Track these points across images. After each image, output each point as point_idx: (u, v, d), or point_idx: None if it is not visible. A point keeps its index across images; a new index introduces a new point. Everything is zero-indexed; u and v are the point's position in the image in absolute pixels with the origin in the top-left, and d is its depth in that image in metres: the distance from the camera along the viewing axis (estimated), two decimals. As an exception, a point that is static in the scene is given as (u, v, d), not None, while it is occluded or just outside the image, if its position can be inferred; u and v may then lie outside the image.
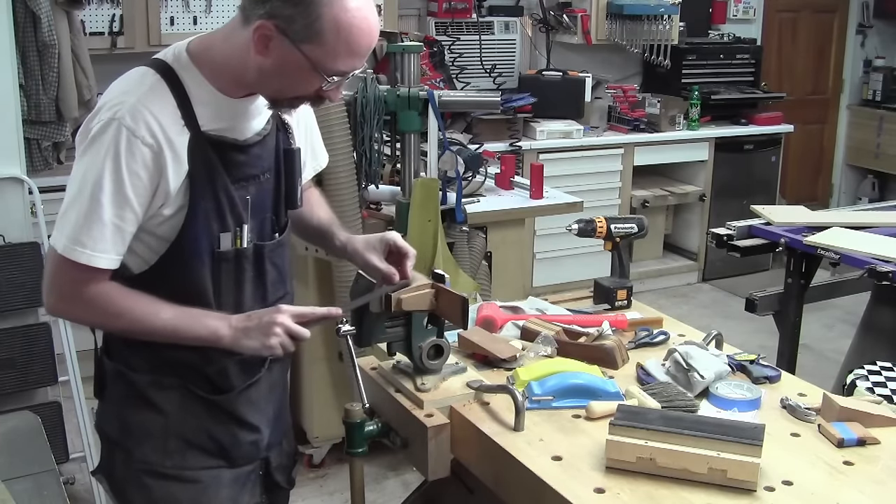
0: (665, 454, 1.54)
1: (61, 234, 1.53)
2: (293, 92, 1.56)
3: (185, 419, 1.67)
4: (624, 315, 2.25)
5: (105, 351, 1.73)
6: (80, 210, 1.51)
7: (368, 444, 1.82)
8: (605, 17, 5.43)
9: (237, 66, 1.55)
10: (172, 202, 1.56)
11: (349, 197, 3.14)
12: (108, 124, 1.50)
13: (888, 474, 1.59)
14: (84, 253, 1.51)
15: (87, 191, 1.51)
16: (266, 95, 1.60)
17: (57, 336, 3.07)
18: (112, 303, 1.57)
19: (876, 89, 6.85)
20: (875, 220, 3.43)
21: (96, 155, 1.51)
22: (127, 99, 1.53)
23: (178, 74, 1.57)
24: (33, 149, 3.79)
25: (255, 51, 1.50)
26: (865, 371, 2.60)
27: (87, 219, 1.51)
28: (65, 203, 1.54)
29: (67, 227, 1.52)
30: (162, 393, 1.66)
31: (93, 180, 1.50)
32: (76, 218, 1.51)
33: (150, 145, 1.51)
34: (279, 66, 1.50)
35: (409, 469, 3.27)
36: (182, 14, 4.33)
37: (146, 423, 1.67)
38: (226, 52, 1.56)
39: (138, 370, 1.66)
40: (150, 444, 1.67)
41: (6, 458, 2.48)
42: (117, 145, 1.50)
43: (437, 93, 3.29)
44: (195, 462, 1.69)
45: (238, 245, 1.64)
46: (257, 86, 1.58)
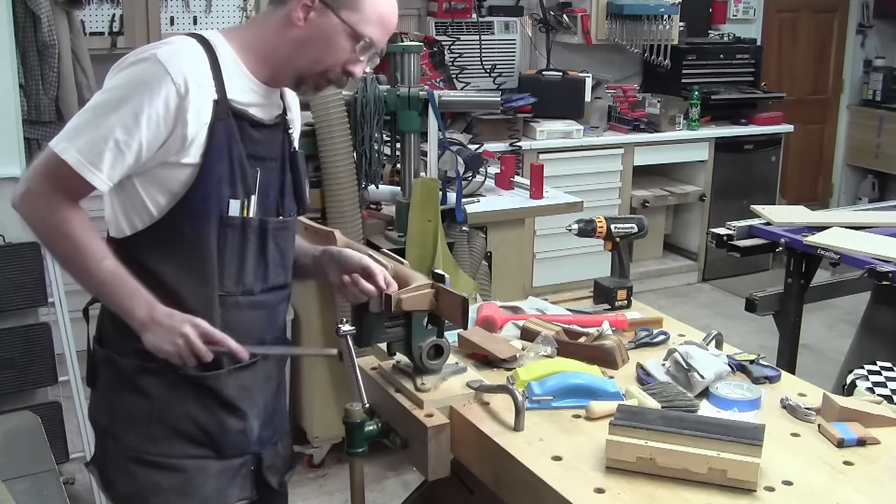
0: (665, 454, 1.54)
1: (62, 135, 1.55)
2: (325, 62, 1.65)
3: (170, 405, 1.67)
4: (624, 315, 2.25)
5: (97, 339, 1.75)
6: (89, 119, 1.54)
7: (368, 444, 1.82)
8: (605, 17, 5.43)
9: (270, 43, 1.64)
10: (187, 152, 1.58)
11: (349, 197, 3.14)
12: (144, 58, 1.55)
13: (888, 474, 1.59)
14: (77, 159, 1.53)
15: (102, 106, 1.54)
16: (295, 72, 1.66)
17: (57, 336, 3.07)
18: (69, 223, 1.57)
19: (876, 89, 6.85)
20: (875, 220, 3.43)
21: (122, 79, 1.55)
22: (166, 46, 1.58)
23: (213, 45, 1.62)
24: (33, 149, 3.78)
25: (294, 21, 1.61)
26: (865, 371, 2.60)
27: (91, 128, 1.53)
28: (79, 116, 1.56)
29: (71, 130, 1.54)
30: (148, 378, 1.66)
31: (111, 98, 1.54)
32: (81, 125, 1.54)
33: (177, 85, 1.54)
34: (316, 34, 1.62)
35: (409, 469, 3.27)
36: (182, 14, 4.34)
37: (132, 409, 1.68)
38: (258, 34, 1.66)
39: (125, 355, 1.67)
40: (136, 431, 1.68)
41: (6, 458, 2.48)
42: (145, 74, 1.54)
43: (437, 93, 3.29)
44: (181, 450, 1.69)
45: (245, 214, 1.67)
46: (290, 60, 1.65)
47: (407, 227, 3.20)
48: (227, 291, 1.68)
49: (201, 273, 1.64)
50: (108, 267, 1.58)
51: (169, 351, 1.60)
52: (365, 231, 3.27)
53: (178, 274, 1.63)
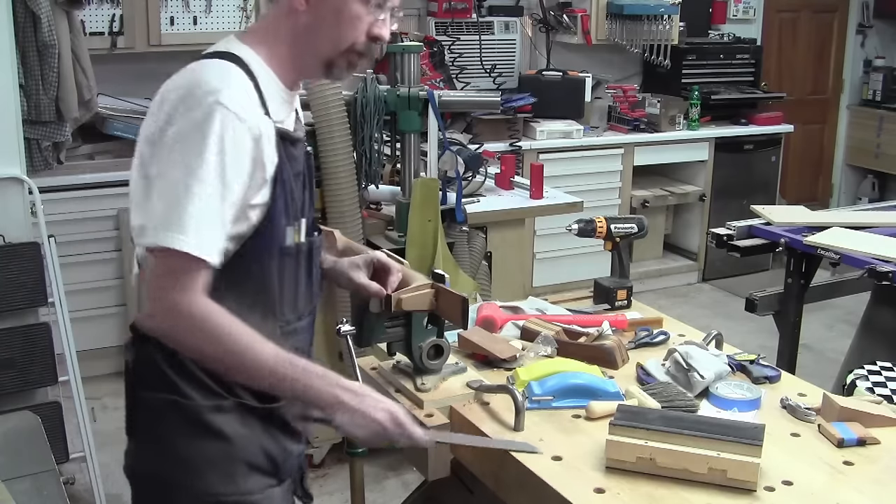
0: (665, 454, 1.55)
1: (162, 228, 1.39)
2: (347, 39, 1.54)
3: (246, 440, 1.56)
4: (624, 315, 2.25)
5: (144, 384, 1.55)
6: (184, 199, 1.39)
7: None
8: (605, 17, 5.43)
9: (287, 41, 1.55)
10: (261, 194, 1.50)
11: (349, 197, 3.14)
12: (211, 109, 1.41)
13: (888, 474, 1.59)
14: (191, 244, 1.39)
15: (192, 179, 1.40)
16: (322, 59, 1.57)
17: (57, 336, 3.07)
18: (217, 322, 1.43)
19: (876, 89, 6.85)
20: (875, 220, 3.43)
21: (200, 140, 1.40)
22: (221, 85, 1.44)
23: (248, 65, 1.51)
24: (33, 149, 3.79)
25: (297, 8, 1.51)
26: (865, 371, 2.60)
27: (192, 207, 1.39)
28: (158, 195, 1.42)
29: (168, 217, 1.39)
30: (222, 416, 1.53)
31: (199, 167, 1.40)
32: (178, 207, 1.39)
33: (253, 131, 1.45)
34: (325, 11, 1.52)
35: (409, 469, 3.27)
36: (182, 14, 4.33)
37: (209, 452, 1.53)
38: (275, 36, 1.55)
39: (193, 397, 1.51)
40: (214, 475, 1.54)
41: (6, 458, 2.48)
42: (223, 130, 1.41)
43: (437, 93, 3.29)
44: (255, 484, 1.59)
45: (297, 240, 1.60)
46: (311, 50, 1.55)
47: (407, 227, 3.20)
48: (286, 321, 1.60)
49: (265, 307, 1.56)
50: (272, 352, 1.46)
51: (361, 435, 1.52)
52: (365, 231, 3.27)
53: (242, 312, 1.49)
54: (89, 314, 3.99)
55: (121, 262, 4.07)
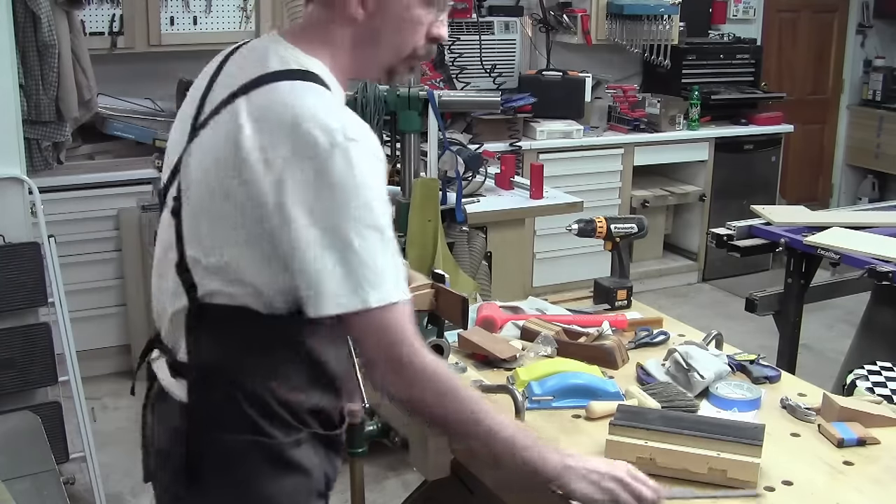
0: (665, 454, 1.55)
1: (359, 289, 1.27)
2: (409, 45, 1.47)
3: (317, 469, 1.48)
4: (624, 315, 2.25)
5: (217, 427, 1.40)
6: (378, 245, 1.28)
7: (368, 444, 1.83)
8: (605, 17, 5.43)
9: (348, 48, 1.44)
10: None
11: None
12: (346, 147, 1.27)
13: (888, 474, 1.59)
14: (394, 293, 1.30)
15: (370, 222, 1.28)
16: (383, 66, 1.49)
17: (57, 336, 3.07)
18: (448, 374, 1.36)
19: (876, 89, 6.84)
20: (875, 220, 3.43)
21: (351, 186, 1.27)
22: (342, 115, 1.32)
23: (327, 83, 1.40)
24: (33, 149, 3.79)
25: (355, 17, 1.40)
26: (865, 371, 2.60)
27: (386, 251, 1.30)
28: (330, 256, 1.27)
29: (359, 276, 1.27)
30: (300, 450, 1.44)
31: (372, 209, 1.28)
32: (379, 255, 1.28)
33: (382, 157, 1.35)
34: (386, 18, 1.43)
35: (409, 469, 3.26)
36: (182, 14, 4.33)
37: (289, 487, 1.44)
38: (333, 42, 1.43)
39: (275, 435, 1.40)
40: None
41: (6, 458, 2.48)
42: (365, 164, 1.29)
43: (437, 93, 3.29)
44: None
45: None
46: (373, 59, 1.46)
47: (407, 227, 3.20)
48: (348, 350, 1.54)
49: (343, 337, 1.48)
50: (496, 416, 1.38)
51: (598, 499, 1.43)
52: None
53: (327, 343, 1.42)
54: (89, 314, 3.99)
55: (121, 262, 4.07)
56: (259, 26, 4.45)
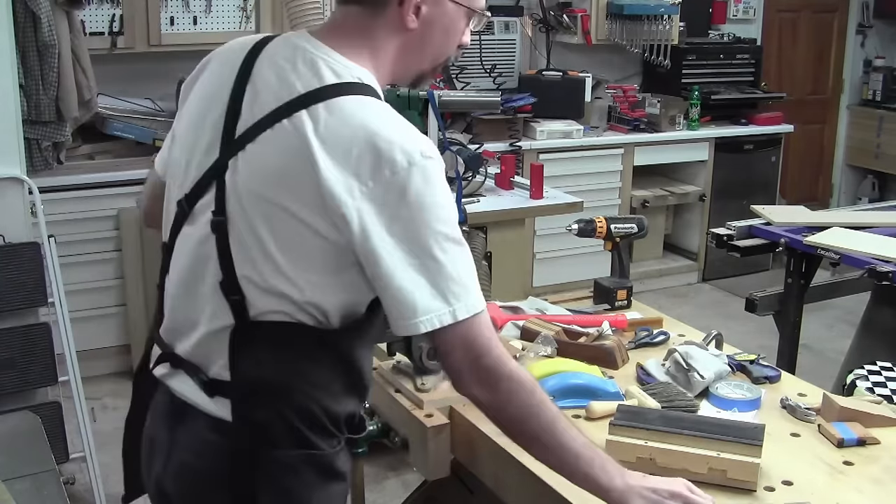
0: (665, 454, 1.55)
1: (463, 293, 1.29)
2: (447, 52, 1.48)
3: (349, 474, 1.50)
4: (624, 315, 2.25)
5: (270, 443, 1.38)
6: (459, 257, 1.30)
7: (368, 444, 1.83)
8: (605, 17, 5.43)
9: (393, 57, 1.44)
10: None
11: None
12: (424, 164, 1.29)
13: (888, 474, 1.59)
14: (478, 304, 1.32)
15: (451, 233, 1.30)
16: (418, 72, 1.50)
17: (57, 336, 3.07)
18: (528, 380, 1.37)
19: (876, 89, 6.84)
20: (875, 220, 3.43)
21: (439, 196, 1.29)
22: (413, 133, 1.33)
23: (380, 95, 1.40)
24: (33, 149, 3.79)
25: (408, 25, 1.40)
26: (865, 371, 2.60)
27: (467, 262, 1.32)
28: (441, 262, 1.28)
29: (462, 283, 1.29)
30: (341, 457, 1.45)
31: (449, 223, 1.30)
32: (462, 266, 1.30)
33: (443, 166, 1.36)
34: (434, 28, 1.43)
35: (409, 469, 3.26)
36: (182, 14, 4.34)
37: (333, 494, 1.45)
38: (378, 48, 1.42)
39: (323, 447, 1.41)
40: None
41: (6, 458, 2.48)
42: (444, 182, 1.32)
43: (437, 93, 3.29)
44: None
45: None
46: (413, 65, 1.47)
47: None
48: None
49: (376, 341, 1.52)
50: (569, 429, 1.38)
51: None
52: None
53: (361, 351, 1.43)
54: (89, 314, 3.99)
55: (121, 262, 4.06)
56: (259, 26, 4.45)
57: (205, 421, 1.41)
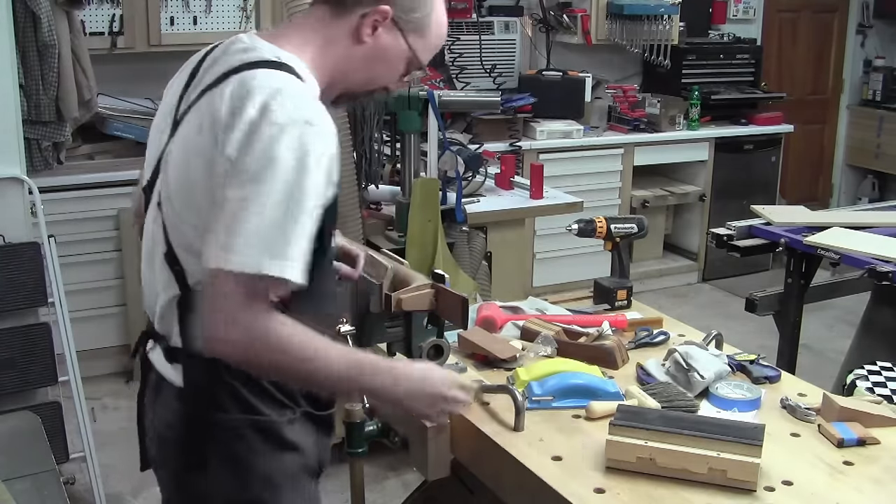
0: (665, 454, 1.55)
1: (262, 250, 1.32)
2: (381, 81, 1.59)
3: (310, 448, 1.58)
4: (624, 315, 2.25)
5: (217, 408, 1.47)
6: (286, 219, 1.33)
7: (368, 444, 1.83)
8: (605, 17, 5.42)
9: (339, 60, 1.53)
10: (330, 209, 1.45)
11: (349, 197, 3.14)
12: (301, 129, 1.35)
13: (888, 474, 1.59)
14: (293, 269, 1.34)
15: (287, 197, 1.33)
16: (347, 88, 1.58)
17: (57, 336, 3.07)
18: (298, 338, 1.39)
19: (876, 89, 6.84)
20: (875, 220, 3.43)
21: (297, 159, 1.34)
22: (300, 102, 1.39)
23: (300, 75, 1.46)
24: (33, 149, 3.79)
25: (360, 37, 1.51)
26: (865, 371, 2.60)
27: (295, 226, 1.34)
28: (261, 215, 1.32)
29: (271, 241, 1.32)
30: (294, 428, 1.53)
31: (293, 185, 1.34)
32: (274, 227, 1.33)
33: (333, 148, 1.41)
34: (381, 52, 1.54)
35: (409, 469, 3.27)
36: (182, 14, 4.33)
37: (286, 466, 1.53)
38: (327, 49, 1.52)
39: (269, 414, 1.50)
40: (290, 486, 1.55)
41: (6, 458, 2.48)
42: (315, 148, 1.36)
43: (437, 93, 3.29)
44: (314, 489, 1.63)
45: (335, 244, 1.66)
46: (348, 76, 1.55)
47: (407, 227, 3.20)
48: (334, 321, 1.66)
49: (322, 312, 1.56)
50: (339, 356, 1.44)
51: (430, 414, 1.59)
52: (365, 231, 3.27)
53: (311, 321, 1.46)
54: (89, 314, 3.99)
55: (121, 262, 4.07)
56: (259, 26, 4.45)
57: (171, 390, 1.52)
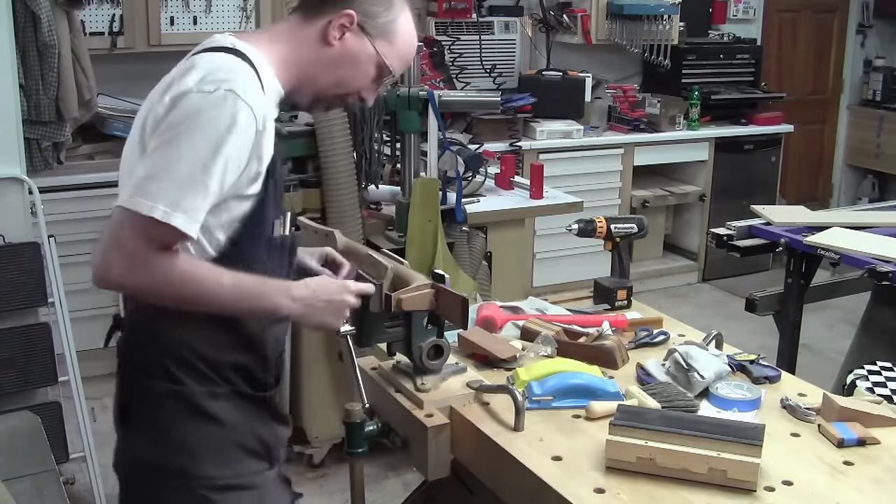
0: (665, 454, 1.55)
1: (158, 196, 1.44)
2: (348, 86, 1.67)
3: (239, 425, 1.64)
4: (624, 315, 2.25)
5: (140, 373, 1.62)
6: (187, 174, 1.45)
7: (368, 444, 1.83)
8: (605, 17, 5.43)
9: (303, 59, 1.63)
10: (255, 185, 1.56)
11: (349, 197, 3.14)
12: (225, 96, 1.47)
13: (888, 474, 1.59)
14: (182, 218, 1.45)
15: (200, 156, 1.45)
16: (317, 90, 1.67)
17: (57, 336, 3.07)
18: (179, 268, 1.50)
19: (876, 89, 6.85)
20: (875, 220, 3.43)
21: (214, 122, 1.46)
22: (233, 76, 1.50)
23: (251, 60, 1.57)
24: (33, 149, 3.79)
25: (327, 39, 1.61)
26: (865, 371, 2.60)
27: (194, 184, 1.45)
28: (163, 164, 1.45)
29: (167, 190, 1.44)
30: (217, 402, 1.61)
31: (207, 147, 1.46)
32: (182, 181, 1.45)
33: (257, 122, 1.51)
34: (349, 56, 1.64)
35: (409, 469, 3.27)
36: (182, 14, 4.33)
37: (205, 438, 1.61)
38: (292, 48, 1.63)
39: (189, 384, 1.59)
40: (210, 458, 1.61)
41: (6, 458, 2.49)
42: (235, 116, 1.47)
43: (437, 93, 3.29)
44: (251, 467, 1.66)
45: (282, 232, 1.69)
46: (316, 77, 1.65)
47: (407, 227, 3.20)
48: None
49: None
50: (230, 283, 1.52)
51: (338, 326, 1.67)
52: (365, 231, 3.27)
53: None
54: (89, 314, 3.98)
55: (121, 262, 4.06)
56: (259, 26, 4.45)
57: None
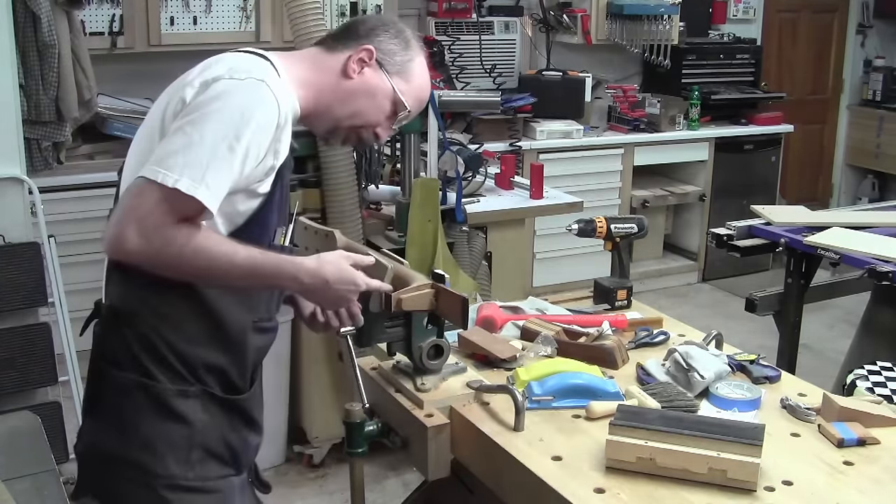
0: (665, 454, 1.55)
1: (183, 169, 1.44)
2: (363, 118, 1.71)
3: (207, 428, 1.63)
4: (624, 315, 2.25)
5: (112, 364, 1.61)
6: (213, 151, 1.46)
7: (368, 444, 1.83)
8: (605, 17, 5.43)
9: (324, 87, 1.68)
10: (265, 183, 1.57)
11: (349, 197, 3.14)
12: (256, 84, 1.52)
13: (888, 474, 1.59)
14: (206, 192, 1.45)
15: (226, 135, 1.47)
16: (333, 120, 1.71)
17: (57, 336, 3.07)
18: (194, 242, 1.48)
19: (876, 89, 6.85)
20: (875, 220, 3.43)
21: (242, 105, 1.50)
22: (262, 71, 1.56)
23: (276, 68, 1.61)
24: (33, 149, 3.78)
25: (347, 72, 1.67)
26: (865, 371, 2.60)
27: (218, 161, 1.47)
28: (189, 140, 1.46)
29: (193, 164, 1.45)
30: (186, 402, 1.61)
31: (235, 127, 1.48)
32: (207, 157, 1.46)
33: (280, 115, 1.55)
34: (366, 89, 1.69)
35: (409, 469, 3.27)
36: (182, 14, 4.33)
37: (170, 435, 1.60)
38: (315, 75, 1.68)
39: (161, 380, 1.59)
40: (173, 457, 1.60)
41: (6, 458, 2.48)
42: (264, 101, 1.52)
43: (437, 93, 3.29)
44: (214, 471, 1.65)
45: (283, 242, 1.70)
46: (334, 107, 1.69)
47: (407, 227, 3.20)
48: (259, 318, 1.69)
49: (247, 301, 1.65)
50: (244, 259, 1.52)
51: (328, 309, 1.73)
52: (365, 231, 3.27)
53: (224, 300, 1.60)
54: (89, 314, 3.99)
55: (121, 262, 4.06)
56: (259, 26, 4.45)
57: None
